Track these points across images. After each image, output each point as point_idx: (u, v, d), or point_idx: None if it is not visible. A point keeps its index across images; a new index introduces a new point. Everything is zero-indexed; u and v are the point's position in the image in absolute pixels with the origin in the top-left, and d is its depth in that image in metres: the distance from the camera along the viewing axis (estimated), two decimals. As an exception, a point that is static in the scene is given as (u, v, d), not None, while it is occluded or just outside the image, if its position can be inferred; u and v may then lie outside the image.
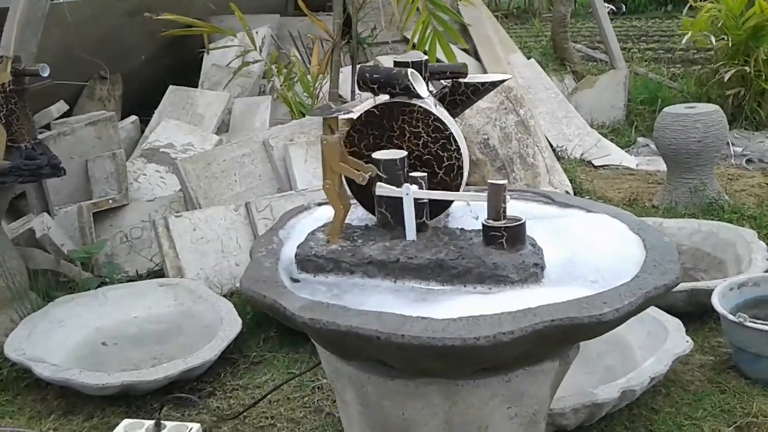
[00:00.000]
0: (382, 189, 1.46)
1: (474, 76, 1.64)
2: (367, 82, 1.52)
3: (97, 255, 3.34)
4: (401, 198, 1.46)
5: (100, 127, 3.78)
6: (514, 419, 1.42)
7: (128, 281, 3.26)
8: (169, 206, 3.57)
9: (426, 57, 1.61)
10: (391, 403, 1.43)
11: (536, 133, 3.70)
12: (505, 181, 1.37)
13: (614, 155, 4.96)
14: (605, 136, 5.30)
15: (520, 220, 1.39)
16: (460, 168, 1.51)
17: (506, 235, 1.37)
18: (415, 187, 1.44)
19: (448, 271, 1.37)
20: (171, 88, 4.18)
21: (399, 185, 1.47)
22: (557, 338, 1.23)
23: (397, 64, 1.58)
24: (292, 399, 2.47)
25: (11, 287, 2.85)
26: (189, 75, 4.68)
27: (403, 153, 1.50)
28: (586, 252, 1.49)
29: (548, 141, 4.91)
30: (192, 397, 2.36)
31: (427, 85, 1.60)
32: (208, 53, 4.26)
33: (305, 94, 3.98)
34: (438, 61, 5.29)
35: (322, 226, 1.59)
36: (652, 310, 2.54)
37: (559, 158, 4.80)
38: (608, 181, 4.54)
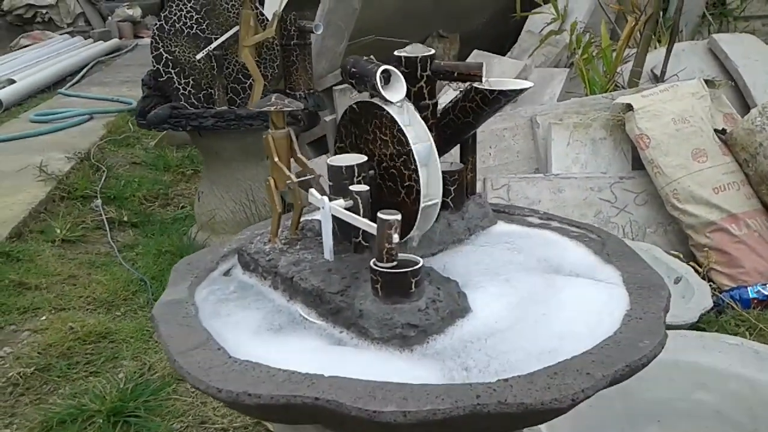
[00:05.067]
0: (311, 197, 1.30)
1: (492, 81, 1.30)
2: (346, 75, 1.34)
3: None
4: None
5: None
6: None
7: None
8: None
9: (431, 52, 1.32)
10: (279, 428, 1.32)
11: None
12: (396, 217, 1.09)
13: None
14: None
15: (412, 265, 1.11)
16: (419, 192, 1.24)
17: (380, 281, 1.11)
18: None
19: (325, 305, 1.17)
20: (475, 52, 4.11)
21: (345, 196, 1.29)
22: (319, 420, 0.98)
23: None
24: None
25: (254, 215, 3.26)
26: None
27: (357, 160, 1.29)
28: (525, 331, 1.13)
29: None
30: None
31: (427, 87, 1.34)
32: (517, 18, 4.07)
33: (605, 69, 3.55)
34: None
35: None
36: None
37: None
38: None
